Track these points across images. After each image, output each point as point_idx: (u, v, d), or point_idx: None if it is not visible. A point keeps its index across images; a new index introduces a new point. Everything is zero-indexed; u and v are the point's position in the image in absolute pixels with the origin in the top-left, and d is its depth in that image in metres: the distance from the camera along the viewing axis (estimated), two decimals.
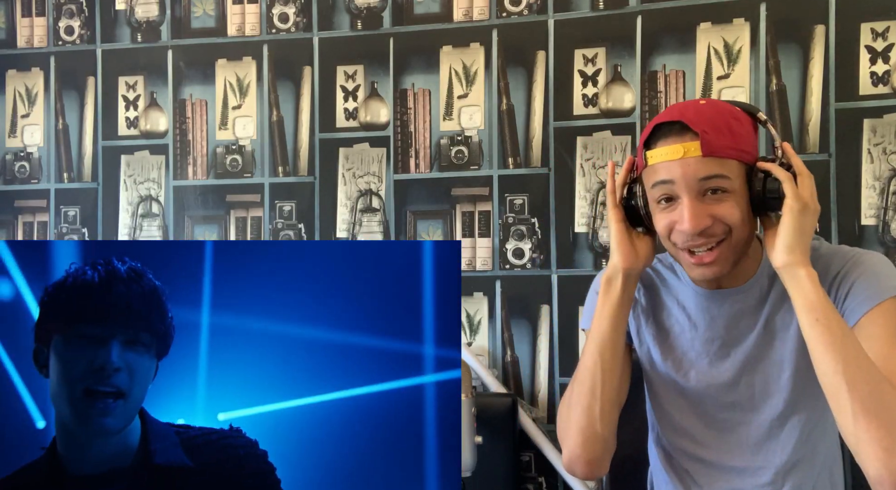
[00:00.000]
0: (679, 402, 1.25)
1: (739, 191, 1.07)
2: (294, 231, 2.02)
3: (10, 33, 2.21)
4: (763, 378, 1.18)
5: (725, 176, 1.06)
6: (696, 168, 1.06)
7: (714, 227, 1.08)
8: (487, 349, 1.90)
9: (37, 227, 2.18)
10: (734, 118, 1.08)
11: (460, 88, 1.93)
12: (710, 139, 1.05)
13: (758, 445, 1.19)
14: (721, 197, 1.07)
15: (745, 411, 1.20)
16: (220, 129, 2.07)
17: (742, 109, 1.12)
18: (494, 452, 1.69)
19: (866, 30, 1.69)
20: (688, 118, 1.07)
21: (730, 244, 1.09)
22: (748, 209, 1.09)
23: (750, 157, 1.08)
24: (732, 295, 1.18)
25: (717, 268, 1.11)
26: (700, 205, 1.08)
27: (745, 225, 1.08)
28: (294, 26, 2.02)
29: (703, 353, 1.21)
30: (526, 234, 1.88)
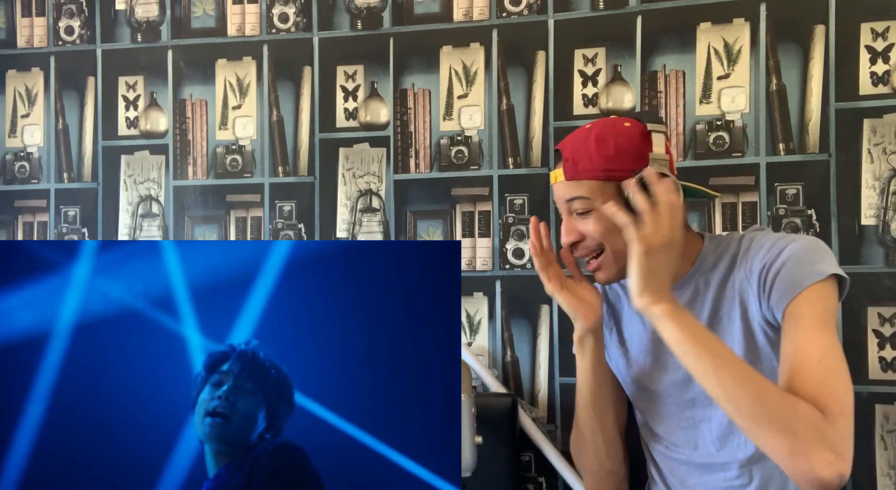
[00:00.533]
0: (650, 408, 1.30)
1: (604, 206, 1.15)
2: (294, 231, 2.02)
3: (10, 33, 2.21)
4: None
5: (584, 197, 1.18)
6: (563, 191, 1.21)
7: (586, 242, 1.22)
8: (487, 349, 1.90)
9: (37, 227, 2.18)
10: (602, 140, 1.16)
11: (460, 88, 1.93)
12: (570, 165, 1.18)
13: (720, 440, 1.22)
14: (586, 215, 1.19)
15: (704, 407, 1.22)
16: (220, 129, 2.07)
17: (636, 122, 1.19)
18: (494, 452, 1.69)
19: (866, 30, 1.69)
20: (563, 146, 1.21)
21: (608, 254, 1.21)
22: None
23: (620, 173, 1.15)
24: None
25: (602, 274, 1.24)
26: (569, 222, 1.22)
27: (618, 236, 1.15)
28: (294, 26, 2.02)
29: (658, 354, 1.26)
30: (526, 234, 1.88)
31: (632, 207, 1.13)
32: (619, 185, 1.16)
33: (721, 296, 1.20)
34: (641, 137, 1.17)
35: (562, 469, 1.78)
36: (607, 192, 1.16)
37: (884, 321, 1.67)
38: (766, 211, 1.73)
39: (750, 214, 1.74)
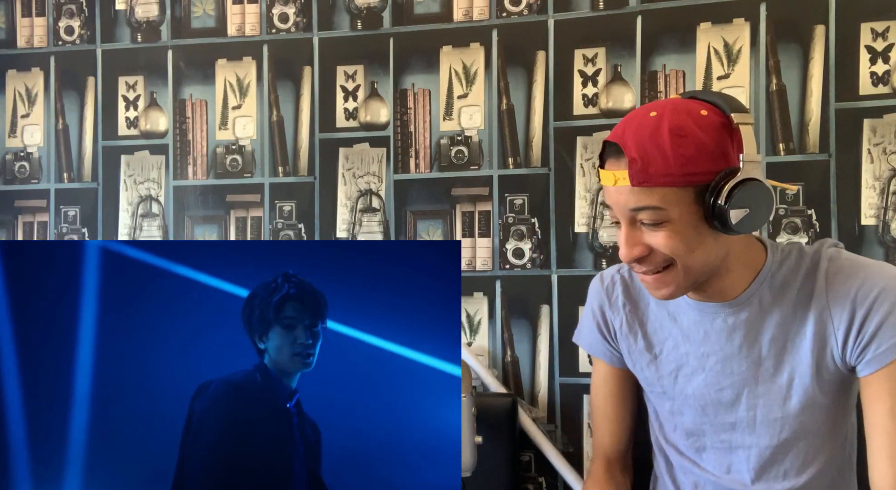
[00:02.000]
0: (678, 419, 1.21)
1: (681, 218, 0.98)
2: (294, 231, 2.02)
3: (10, 33, 2.21)
4: (767, 401, 1.11)
5: (656, 207, 0.98)
6: (626, 198, 1.00)
7: (654, 256, 1.02)
8: (487, 349, 1.90)
9: (37, 227, 2.18)
10: (680, 135, 0.96)
11: (460, 88, 1.93)
12: (639, 168, 0.97)
13: (758, 471, 1.14)
14: (657, 227, 1.00)
15: (744, 434, 1.14)
16: (220, 129, 2.07)
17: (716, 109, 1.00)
18: (494, 452, 1.69)
19: (866, 30, 1.69)
20: (623, 140, 0.99)
21: (677, 271, 1.03)
22: (697, 233, 1.00)
23: (701, 176, 0.97)
24: (724, 309, 1.11)
25: (665, 291, 1.06)
26: (634, 234, 1.02)
27: (694, 251, 1.00)
28: (294, 26, 2.02)
29: (698, 368, 1.15)
30: (526, 234, 1.88)
31: (713, 215, 0.97)
32: (697, 189, 0.97)
33: (793, 318, 1.08)
34: (723, 131, 0.98)
35: (562, 469, 1.78)
36: (685, 200, 0.97)
37: None
38: None
39: None
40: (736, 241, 1.05)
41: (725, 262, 1.06)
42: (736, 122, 0.97)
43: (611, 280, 1.26)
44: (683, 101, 1.02)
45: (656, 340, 1.20)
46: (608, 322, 1.26)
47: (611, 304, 1.25)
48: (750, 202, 0.96)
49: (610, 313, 1.25)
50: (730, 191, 0.95)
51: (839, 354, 1.06)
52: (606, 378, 1.31)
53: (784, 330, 1.09)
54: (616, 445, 1.33)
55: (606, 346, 1.29)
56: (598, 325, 1.28)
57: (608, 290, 1.26)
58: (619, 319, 1.24)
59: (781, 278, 1.09)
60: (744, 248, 1.08)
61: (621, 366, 1.29)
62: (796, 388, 1.09)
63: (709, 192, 0.97)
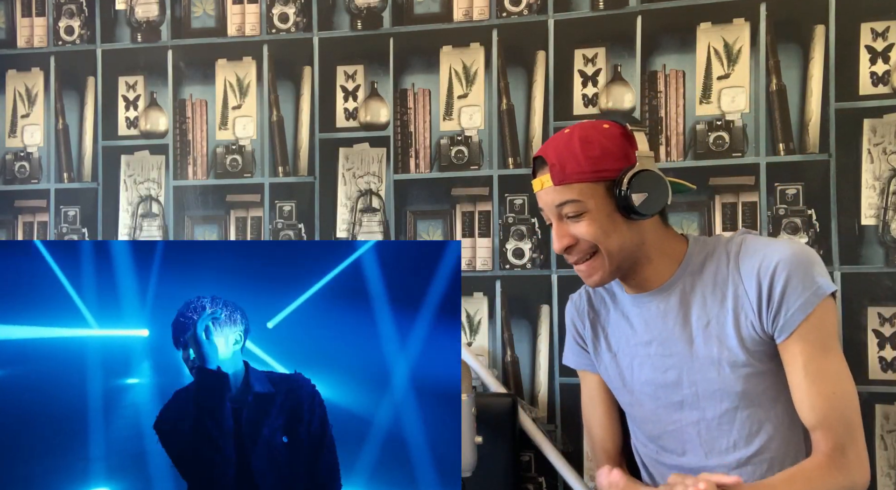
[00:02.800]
0: (640, 412, 1.31)
1: (597, 208, 1.17)
2: (294, 231, 2.02)
3: (10, 33, 2.21)
4: (704, 376, 1.22)
5: (575, 200, 1.17)
6: (552, 196, 1.19)
7: (580, 245, 1.20)
8: (487, 349, 1.90)
9: (37, 227, 2.18)
10: (587, 142, 1.17)
11: (460, 88, 1.93)
12: (558, 170, 1.17)
13: (709, 444, 1.23)
14: (578, 218, 1.18)
15: (692, 410, 1.24)
16: (220, 129, 2.07)
17: (615, 123, 1.20)
18: (494, 452, 1.69)
19: (866, 30, 1.69)
20: (545, 152, 1.20)
21: (601, 256, 1.20)
22: (612, 221, 1.18)
23: (608, 173, 1.17)
24: (654, 296, 1.25)
25: (595, 277, 1.23)
26: (561, 227, 1.21)
27: (610, 236, 1.18)
28: (294, 26, 2.02)
29: (645, 356, 1.27)
30: (526, 234, 1.88)
31: (623, 207, 1.16)
32: (606, 184, 1.17)
33: (714, 297, 1.21)
34: (623, 137, 1.19)
35: (562, 469, 1.78)
36: (597, 193, 1.17)
37: (884, 321, 1.67)
38: (766, 211, 1.73)
39: (750, 214, 1.74)
40: (650, 232, 1.21)
41: (644, 250, 1.22)
42: (630, 129, 1.18)
43: (578, 296, 1.41)
44: (590, 121, 1.25)
45: (614, 340, 1.33)
46: (580, 333, 1.39)
47: (579, 315, 1.39)
48: (646, 187, 1.15)
49: (580, 325, 1.39)
50: (629, 179, 1.15)
51: (757, 325, 1.18)
52: (594, 387, 1.40)
53: (707, 309, 1.21)
54: (616, 445, 1.41)
55: (586, 356, 1.39)
56: (574, 339, 1.40)
57: (576, 305, 1.40)
58: (587, 327, 1.37)
59: (701, 264, 1.23)
60: (660, 239, 1.23)
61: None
62: (726, 359, 1.19)
63: (615, 184, 1.16)
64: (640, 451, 1.36)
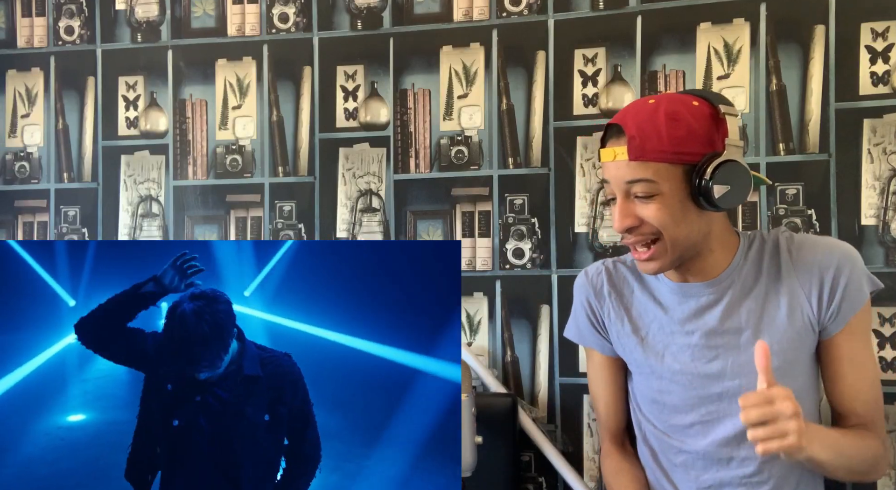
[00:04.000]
0: (668, 399, 1.28)
1: (670, 192, 1.10)
2: (294, 231, 2.02)
3: (10, 33, 2.21)
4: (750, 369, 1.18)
5: (649, 180, 1.10)
6: (623, 171, 1.12)
7: (643, 228, 1.13)
8: (487, 349, 1.90)
9: (37, 227, 2.18)
10: (674, 119, 1.09)
11: (460, 88, 1.93)
12: (637, 144, 1.09)
13: (742, 436, 1.20)
14: (648, 199, 1.11)
15: (731, 402, 1.21)
16: (220, 129, 2.07)
17: (706, 102, 1.13)
18: (494, 452, 1.69)
19: (866, 30, 1.69)
20: (624, 121, 1.12)
21: (664, 243, 1.13)
22: (683, 208, 1.12)
23: (690, 156, 1.09)
24: (704, 288, 1.22)
25: (654, 264, 1.16)
26: (627, 205, 1.13)
27: (679, 224, 1.12)
28: (294, 26, 2.02)
29: (684, 345, 1.24)
30: (526, 234, 1.88)
31: (700, 194, 1.09)
32: (686, 168, 1.09)
33: (766, 291, 1.21)
34: (712, 120, 1.11)
35: (562, 469, 1.78)
36: (675, 177, 1.10)
37: (884, 321, 1.67)
38: (766, 211, 1.73)
39: (750, 214, 1.74)
40: (718, 223, 1.18)
41: (707, 241, 1.18)
42: (723, 112, 1.10)
43: (595, 271, 1.35)
44: (679, 94, 1.17)
45: (642, 324, 1.29)
46: (595, 312, 1.35)
47: (597, 294, 1.34)
48: (730, 180, 1.08)
49: (596, 303, 1.34)
50: (714, 169, 1.08)
51: (815, 317, 1.19)
52: (601, 367, 1.39)
53: (759, 302, 1.20)
54: (620, 424, 1.42)
55: (597, 335, 1.36)
56: (587, 316, 1.36)
57: (593, 282, 1.35)
58: (605, 307, 1.33)
59: (753, 258, 1.22)
60: (724, 231, 1.21)
61: (613, 354, 1.36)
62: (776, 353, 1.17)
63: (695, 171, 1.09)
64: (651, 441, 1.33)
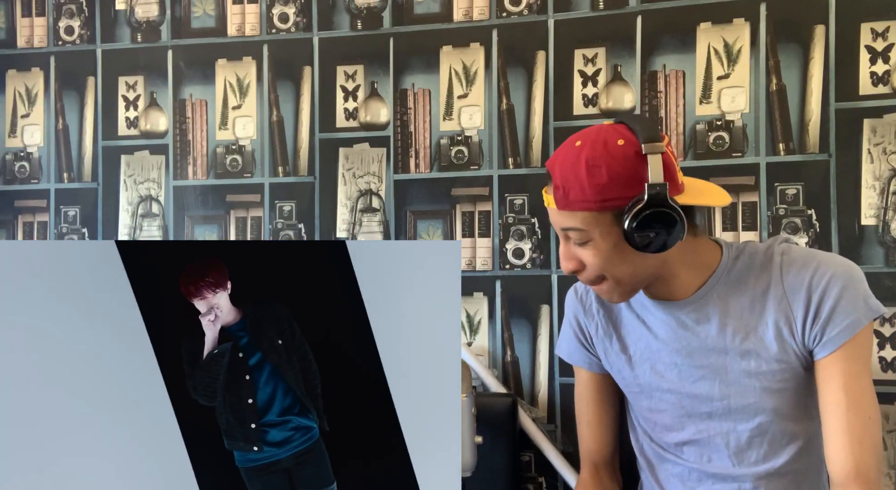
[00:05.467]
0: (659, 418, 1.26)
1: (602, 237, 1.08)
2: (294, 231, 2.02)
3: (10, 33, 2.21)
4: (739, 389, 1.16)
5: (578, 228, 1.09)
6: (557, 218, 1.12)
7: (587, 272, 1.13)
8: (487, 349, 1.90)
9: (37, 227, 2.18)
10: (594, 166, 1.04)
11: (460, 88, 1.93)
12: (561, 195, 1.08)
13: (738, 454, 1.19)
14: (584, 245, 1.11)
15: (721, 421, 1.19)
16: (220, 129, 2.07)
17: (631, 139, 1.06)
18: (494, 452, 1.69)
19: (866, 30, 1.69)
20: (552, 168, 1.11)
21: (610, 283, 1.13)
22: (619, 250, 1.08)
23: (615, 202, 1.05)
24: (685, 305, 1.18)
25: (608, 297, 1.17)
26: (568, 249, 1.13)
27: (619, 265, 1.10)
28: (294, 26, 2.02)
29: (671, 364, 1.21)
30: (526, 234, 1.88)
31: (628, 238, 1.05)
32: (614, 213, 1.06)
33: (753, 308, 1.15)
34: (637, 159, 1.05)
35: (562, 469, 1.78)
36: (604, 222, 1.07)
37: (884, 321, 1.67)
38: (766, 211, 1.73)
39: (750, 214, 1.74)
40: (673, 251, 1.10)
41: (667, 267, 1.13)
42: (644, 152, 1.04)
43: (584, 289, 1.33)
44: (606, 131, 1.09)
45: (630, 342, 1.26)
46: (584, 329, 1.33)
47: (585, 311, 1.32)
48: (657, 225, 1.03)
49: (585, 320, 1.32)
50: (634, 216, 1.03)
51: (800, 338, 1.13)
52: (587, 385, 1.36)
53: (744, 320, 1.15)
54: (602, 450, 1.37)
55: (584, 352, 1.34)
56: (574, 333, 1.34)
57: (582, 299, 1.33)
58: (594, 324, 1.30)
59: (737, 273, 1.16)
60: (686, 254, 1.14)
61: (600, 371, 1.34)
62: (763, 373, 1.15)
63: (623, 215, 1.05)
64: (648, 454, 1.31)
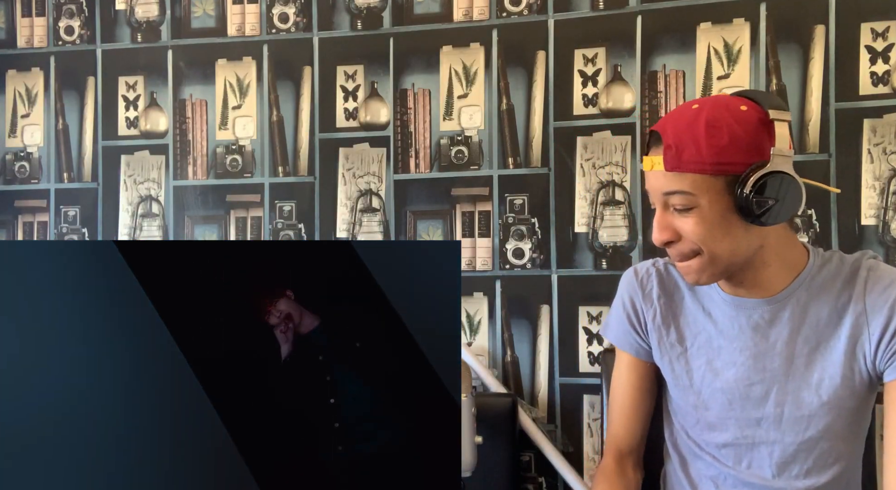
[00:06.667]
0: (705, 415, 1.21)
1: (709, 205, 1.02)
2: (294, 231, 2.02)
3: (10, 33, 2.21)
4: (795, 398, 1.13)
5: (686, 192, 1.02)
6: (661, 182, 1.05)
7: (682, 244, 1.06)
8: (487, 349, 1.90)
9: (37, 227, 2.18)
10: (715, 127, 1.00)
11: (460, 88, 1.93)
12: (673, 154, 1.02)
13: (779, 467, 1.15)
14: (686, 212, 1.04)
15: (770, 430, 1.15)
16: (220, 129, 2.07)
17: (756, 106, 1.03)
18: (494, 452, 1.69)
19: (866, 30, 1.69)
20: (664, 128, 1.04)
21: (703, 258, 1.06)
22: (725, 222, 1.03)
23: (732, 167, 1.00)
24: (762, 305, 1.13)
25: (695, 277, 1.09)
26: (665, 217, 1.06)
27: (720, 240, 1.04)
28: (294, 26, 2.02)
29: (730, 363, 1.16)
30: (526, 234, 1.88)
31: (743, 210, 1.01)
32: (728, 180, 1.00)
33: (830, 320, 1.11)
34: (760, 126, 1.00)
35: (562, 469, 1.78)
36: (714, 189, 1.01)
37: None
38: None
39: None
40: (772, 236, 1.07)
41: (761, 254, 1.08)
42: (771, 118, 1.00)
43: (646, 272, 1.26)
44: (726, 97, 1.06)
45: (689, 333, 1.20)
46: (639, 313, 1.26)
47: (644, 295, 1.25)
48: (776, 194, 0.99)
49: (642, 304, 1.25)
50: (755, 181, 0.98)
51: (871, 358, 1.08)
52: (628, 370, 1.30)
53: (819, 331, 1.11)
54: (630, 439, 1.31)
55: (635, 337, 1.27)
56: (628, 316, 1.27)
57: (643, 282, 1.25)
58: (651, 311, 1.24)
59: (821, 281, 1.11)
60: (783, 244, 1.10)
61: (647, 359, 1.28)
62: (826, 387, 1.10)
63: (739, 181, 1.00)
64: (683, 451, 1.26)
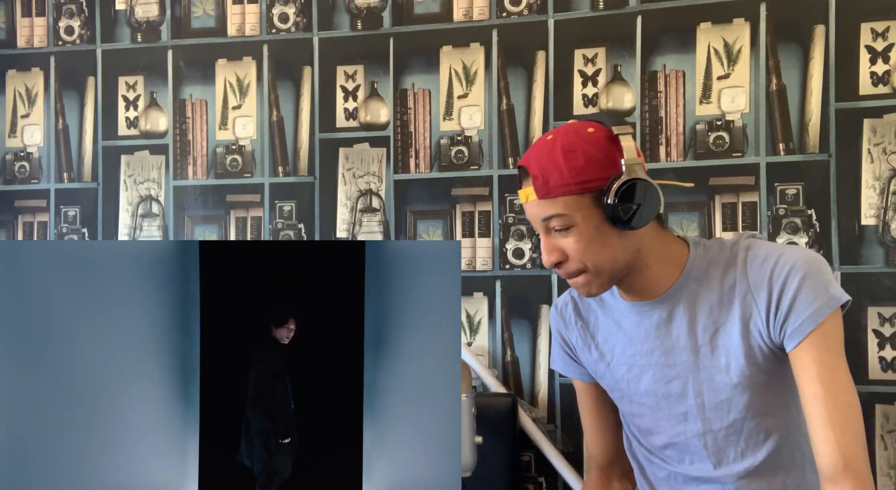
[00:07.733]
0: (641, 422, 1.28)
1: (584, 221, 1.11)
2: (294, 231, 2.02)
3: (10, 33, 2.21)
4: (710, 386, 1.18)
5: (561, 214, 1.11)
6: (538, 210, 1.13)
7: (569, 264, 1.15)
8: (487, 349, 1.90)
9: (37, 227, 2.18)
10: (570, 150, 1.10)
11: (460, 88, 1.93)
12: (541, 184, 1.11)
13: (717, 455, 1.20)
14: (566, 231, 1.12)
15: (696, 421, 1.20)
16: (220, 129, 2.07)
17: (600, 126, 1.13)
18: (494, 452, 1.69)
19: (866, 30, 1.69)
20: (528, 162, 1.14)
21: (589, 273, 1.14)
22: (601, 234, 1.11)
23: (593, 183, 1.10)
24: (656, 306, 1.20)
25: (586, 290, 1.17)
26: (550, 241, 1.15)
27: (600, 251, 1.12)
28: (294, 26, 2.02)
29: (645, 366, 1.23)
30: (526, 234, 1.88)
31: (612, 218, 1.09)
32: (593, 195, 1.10)
33: (721, 304, 1.16)
34: (608, 142, 1.11)
35: (562, 469, 1.78)
36: (584, 206, 1.10)
37: (884, 321, 1.67)
38: (766, 211, 1.73)
39: (750, 214, 1.74)
40: (646, 239, 1.15)
41: (640, 257, 1.16)
42: (616, 133, 1.10)
43: (563, 303, 1.35)
44: (575, 123, 1.16)
45: (606, 348, 1.28)
46: (567, 342, 1.35)
47: (566, 324, 1.34)
48: (637, 198, 1.09)
49: (567, 333, 1.34)
50: (617, 190, 1.08)
51: (765, 333, 1.13)
52: (584, 394, 1.39)
53: (714, 317, 1.17)
54: (605, 454, 1.40)
55: (573, 364, 1.36)
56: (561, 347, 1.36)
57: (562, 313, 1.34)
58: (574, 336, 1.32)
59: (705, 269, 1.18)
60: (659, 245, 1.17)
61: (591, 380, 1.36)
62: (733, 369, 1.15)
63: (602, 194, 1.10)
64: (639, 457, 1.32)
